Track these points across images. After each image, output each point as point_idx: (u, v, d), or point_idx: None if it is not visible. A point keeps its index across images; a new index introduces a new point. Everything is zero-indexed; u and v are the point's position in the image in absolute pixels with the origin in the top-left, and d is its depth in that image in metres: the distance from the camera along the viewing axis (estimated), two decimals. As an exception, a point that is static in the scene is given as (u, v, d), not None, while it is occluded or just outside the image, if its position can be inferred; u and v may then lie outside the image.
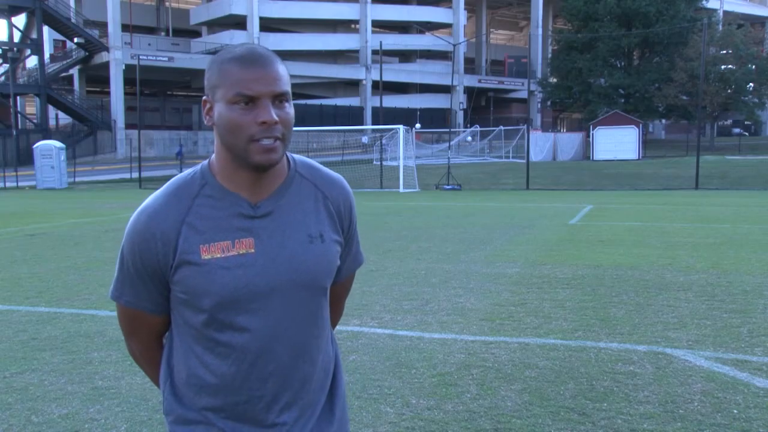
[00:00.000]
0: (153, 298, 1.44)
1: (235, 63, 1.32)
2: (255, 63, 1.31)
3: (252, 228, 1.38)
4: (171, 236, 1.36)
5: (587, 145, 42.26)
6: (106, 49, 47.90)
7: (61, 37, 50.72)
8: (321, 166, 1.52)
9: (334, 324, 1.67)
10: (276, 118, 1.31)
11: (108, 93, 50.02)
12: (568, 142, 44.25)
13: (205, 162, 1.44)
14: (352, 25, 62.25)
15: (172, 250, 1.36)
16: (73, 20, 47.41)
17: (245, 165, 1.35)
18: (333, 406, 1.53)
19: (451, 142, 38.33)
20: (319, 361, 1.48)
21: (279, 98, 1.33)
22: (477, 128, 51.14)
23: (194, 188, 1.39)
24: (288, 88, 1.34)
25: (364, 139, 45.53)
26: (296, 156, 1.49)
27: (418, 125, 45.26)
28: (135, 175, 33.10)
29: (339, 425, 1.52)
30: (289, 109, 1.35)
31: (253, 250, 1.38)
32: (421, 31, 61.70)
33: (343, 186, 1.52)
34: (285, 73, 1.35)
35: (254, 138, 1.31)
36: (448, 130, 43.03)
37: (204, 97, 1.39)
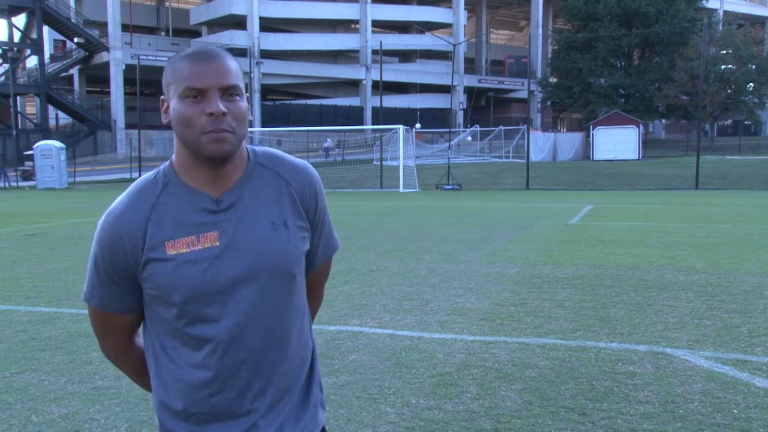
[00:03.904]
0: (124, 298, 1.47)
1: (185, 60, 1.37)
2: (203, 58, 1.36)
3: (216, 222, 1.41)
4: (137, 235, 1.40)
5: (587, 145, 42.28)
6: (106, 49, 47.93)
7: (61, 37, 50.74)
8: (285, 155, 1.54)
9: (313, 312, 1.69)
10: (223, 109, 1.33)
11: (108, 93, 50.04)
12: (568, 142, 44.27)
13: (167, 162, 1.47)
14: (352, 25, 62.26)
15: (139, 249, 1.40)
16: (73, 20, 47.42)
17: (203, 159, 1.39)
18: (309, 393, 1.55)
19: (451, 142, 38.32)
20: (292, 348, 1.49)
21: (228, 91, 1.36)
22: (477, 128, 51.14)
23: (157, 187, 1.43)
24: (238, 82, 1.37)
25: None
26: (258, 148, 1.52)
27: (418, 125, 45.12)
28: (135, 175, 33.13)
29: (314, 410, 1.55)
30: (241, 102, 1.38)
31: (217, 243, 1.41)
32: (421, 31, 61.69)
33: (307, 172, 1.53)
34: (236, 67, 1.39)
35: (204, 130, 1.34)
36: (448, 130, 43.02)
37: (161, 97, 1.44)
